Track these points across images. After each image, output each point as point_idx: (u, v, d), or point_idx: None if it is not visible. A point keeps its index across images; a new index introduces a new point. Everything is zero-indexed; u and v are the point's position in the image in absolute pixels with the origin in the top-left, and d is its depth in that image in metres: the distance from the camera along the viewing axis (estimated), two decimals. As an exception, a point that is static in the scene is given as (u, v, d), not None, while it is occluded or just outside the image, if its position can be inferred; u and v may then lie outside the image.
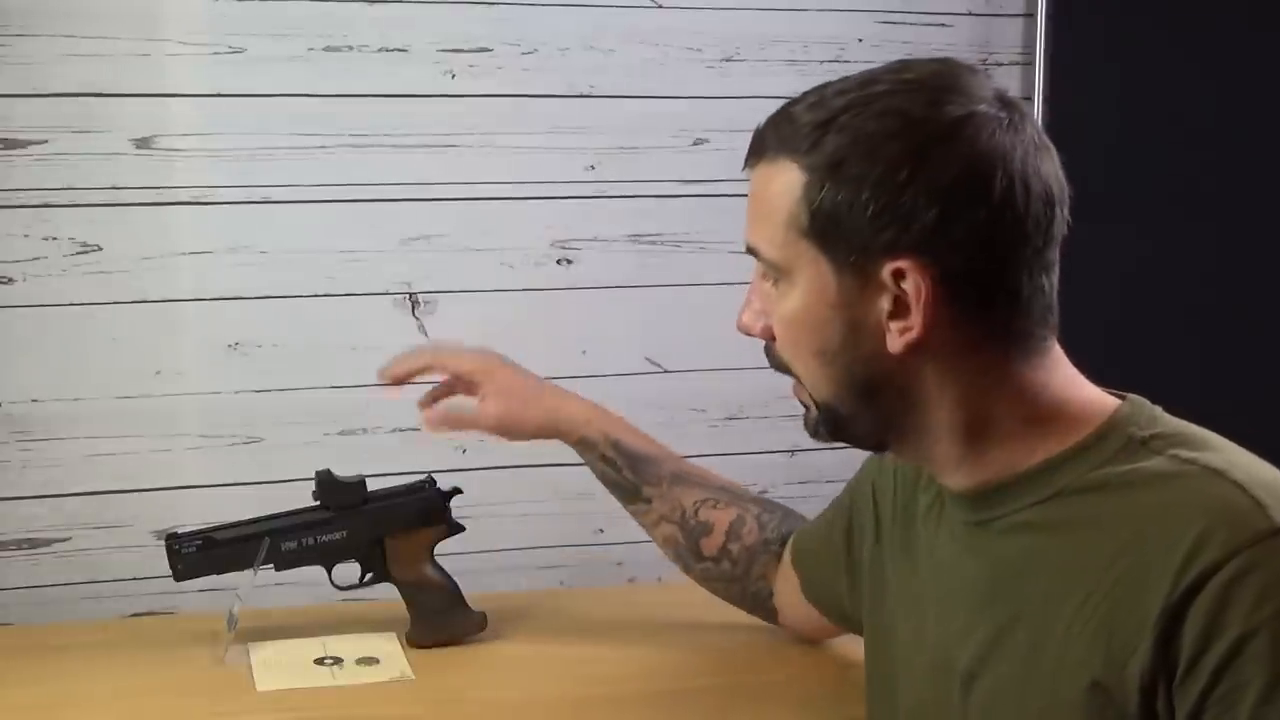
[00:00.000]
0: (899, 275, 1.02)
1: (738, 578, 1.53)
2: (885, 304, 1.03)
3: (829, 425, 1.10)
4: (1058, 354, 1.09)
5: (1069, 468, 1.06)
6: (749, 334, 1.12)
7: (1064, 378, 1.09)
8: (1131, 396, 1.09)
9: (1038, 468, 1.06)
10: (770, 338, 1.10)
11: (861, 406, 1.07)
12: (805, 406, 1.11)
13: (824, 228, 1.03)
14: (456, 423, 1.55)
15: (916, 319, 1.02)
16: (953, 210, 1.01)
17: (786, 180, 1.04)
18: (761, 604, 1.53)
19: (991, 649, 1.09)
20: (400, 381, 1.54)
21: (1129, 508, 1.01)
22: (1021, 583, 1.07)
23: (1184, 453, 1.03)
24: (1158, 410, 1.08)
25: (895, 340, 1.04)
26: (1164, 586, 0.96)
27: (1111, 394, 1.10)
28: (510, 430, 1.55)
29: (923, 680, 1.17)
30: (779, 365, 1.11)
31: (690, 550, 1.54)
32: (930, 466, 1.13)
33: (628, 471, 1.55)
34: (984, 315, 1.05)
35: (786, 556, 1.50)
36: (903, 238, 1.01)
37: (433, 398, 1.55)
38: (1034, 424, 1.07)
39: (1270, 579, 0.94)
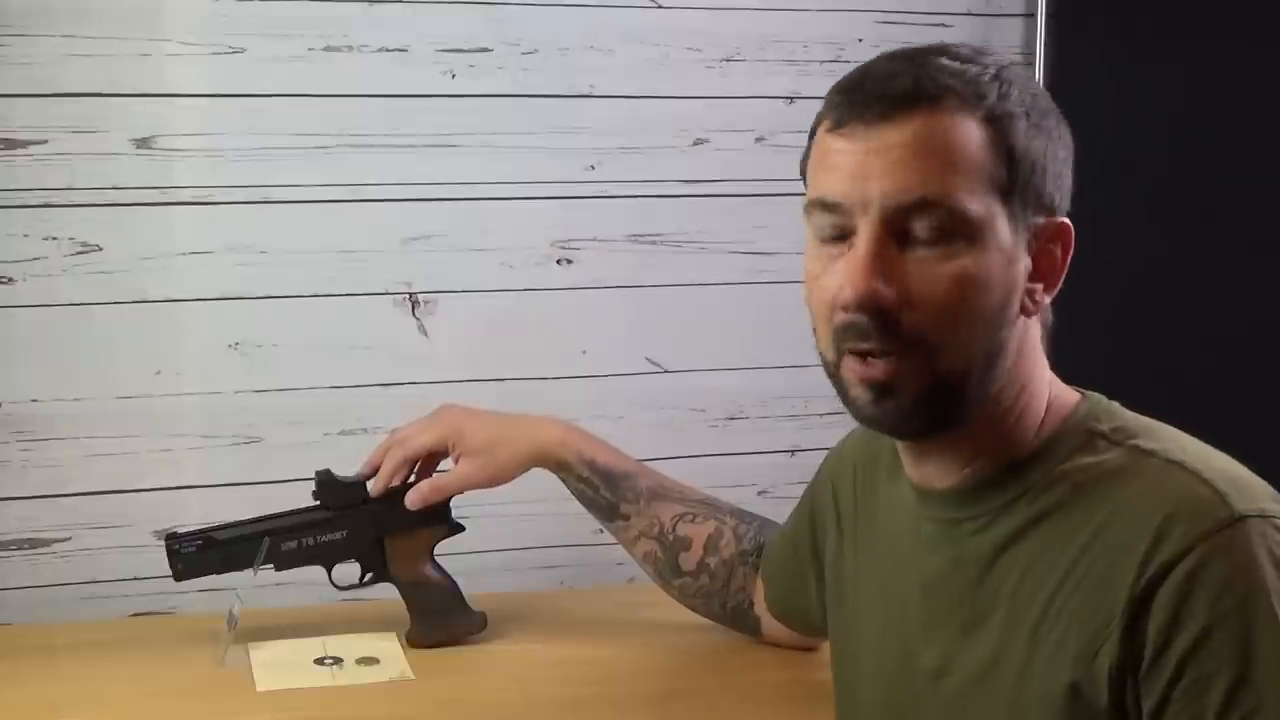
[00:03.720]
0: (1057, 233, 1.05)
1: (716, 592, 1.53)
2: (1029, 263, 1.04)
3: (944, 399, 1.03)
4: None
5: (1037, 465, 1.06)
6: (877, 301, 1.00)
7: (1049, 371, 1.11)
8: (1089, 392, 1.10)
9: (1010, 467, 1.07)
10: (897, 306, 1.01)
11: (982, 376, 1.04)
12: (896, 391, 1.02)
13: (1015, 182, 1.02)
14: (441, 493, 1.55)
15: (1057, 279, 1.06)
16: (1069, 176, 1.06)
17: (967, 131, 1.01)
18: (742, 617, 1.53)
19: (958, 647, 1.09)
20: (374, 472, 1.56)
21: (1092, 502, 1.02)
22: (989, 581, 1.07)
23: (1144, 444, 1.04)
24: (1115, 405, 1.09)
25: (1035, 300, 1.05)
26: (1128, 579, 0.97)
27: (1071, 389, 1.11)
28: (493, 479, 1.56)
29: (889, 676, 1.17)
30: (905, 336, 1.01)
31: (669, 565, 1.54)
32: (931, 460, 1.11)
33: (605, 490, 1.55)
34: None
35: (760, 567, 1.50)
36: (1061, 200, 1.05)
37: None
38: (1029, 413, 1.08)
39: (1232, 569, 0.95)
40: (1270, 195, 2.04)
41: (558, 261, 1.93)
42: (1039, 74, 2.02)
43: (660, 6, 1.93)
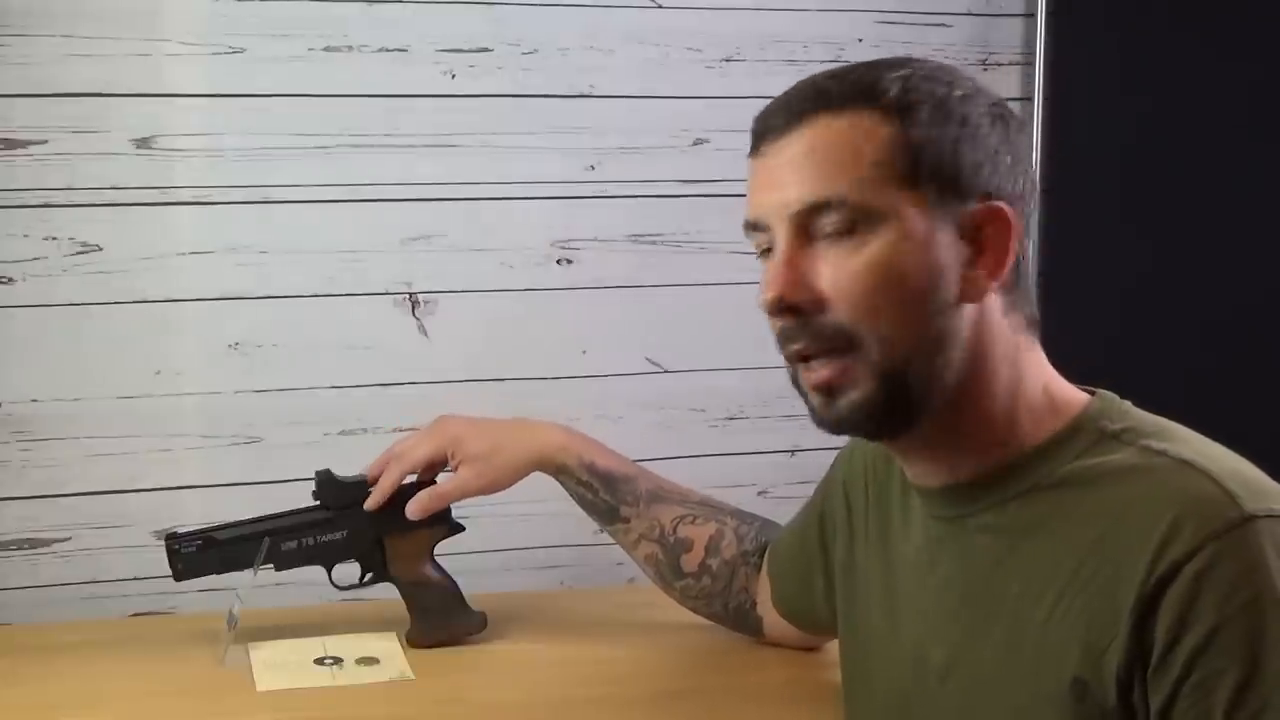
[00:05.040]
0: (988, 218, 1.05)
1: (718, 593, 1.53)
2: (965, 249, 1.04)
3: (891, 392, 1.04)
4: (1038, 346, 1.11)
5: (1042, 463, 1.06)
6: (791, 304, 1.05)
7: (1047, 369, 1.11)
8: (1101, 391, 1.10)
9: (1012, 463, 1.07)
10: (817, 305, 1.04)
11: (926, 365, 1.04)
12: (843, 389, 1.04)
13: (921, 169, 1.04)
14: (441, 500, 1.55)
15: (1000, 263, 1.05)
16: (1015, 165, 1.07)
17: (866, 128, 1.04)
18: (744, 618, 1.53)
19: (966, 645, 1.09)
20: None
21: (1101, 501, 1.02)
22: (996, 579, 1.07)
23: (1154, 444, 1.04)
24: (1127, 404, 1.09)
25: (978, 285, 1.05)
26: (1137, 577, 0.97)
27: (1082, 389, 1.11)
28: (493, 484, 1.55)
29: (899, 673, 1.17)
30: (832, 333, 1.04)
31: (671, 567, 1.54)
32: (920, 457, 1.12)
33: (604, 493, 1.55)
34: (1018, 280, 1.08)
35: (764, 566, 1.50)
36: (992, 180, 1.05)
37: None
38: (1023, 410, 1.08)
39: (1241, 568, 0.95)
40: (1271, 193, 2.04)
41: (558, 261, 1.93)
42: (1039, 74, 2.02)
43: (660, 6, 1.93)
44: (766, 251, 1.09)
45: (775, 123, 1.07)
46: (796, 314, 1.05)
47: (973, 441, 1.08)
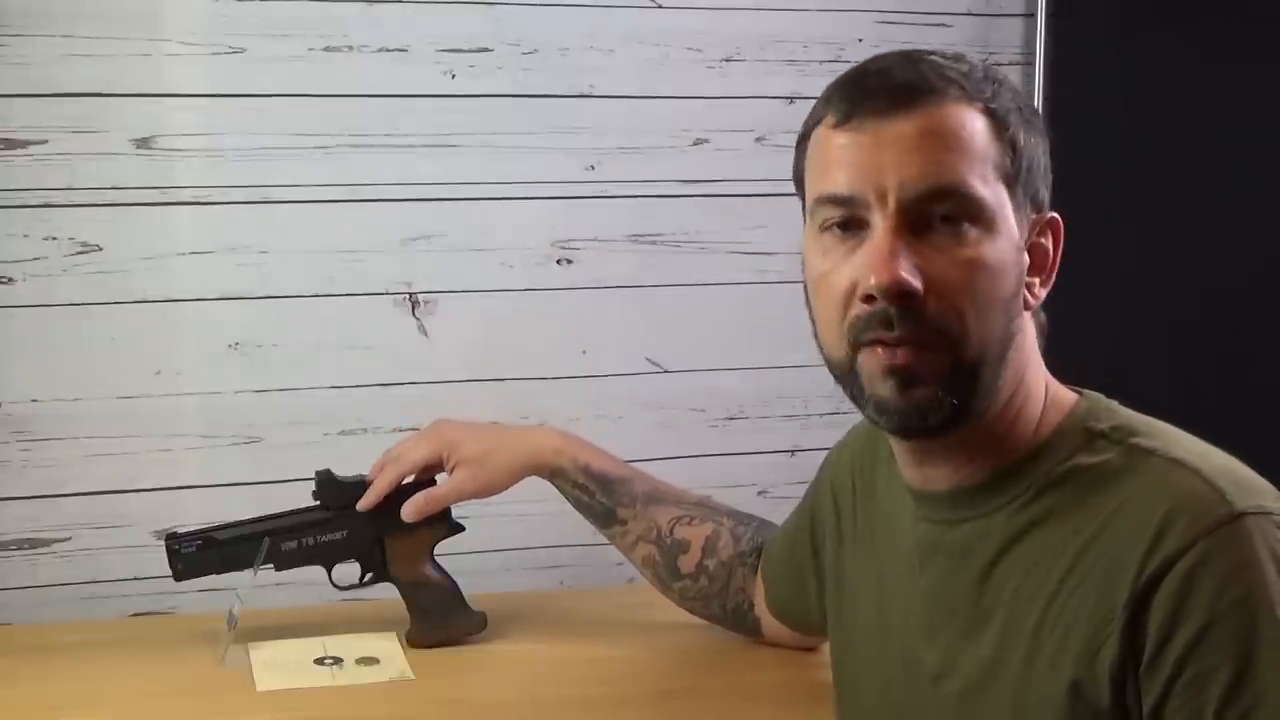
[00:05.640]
0: (1046, 228, 1.07)
1: (716, 594, 1.53)
2: (1025, 257, 1.05)
3: (964, 389, 1.02)
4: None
5: (1037, 464, 1.07)
6: (905, 287, 1.00)
7: (1046, 371, 1.11)
8: (1088, 392, 1.11)
9: (1013, 465, 1.07)
10: (922, 292, 1.00)
11: (995, 368, 1.04)
12: (923, 380, 1.02)
13: (1019, 173, 1.04)
14: (436, 503, 1.56)
15: (1051, 275, 1.08)
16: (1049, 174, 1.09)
17: (974, 122, 1.03)
18: (743, 619, 1.53)
19: (959, 648, 1.09)
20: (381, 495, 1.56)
21: (1092, 501, 1.02)
22: (990, 583, 1.07)
23: (1144, 443, 1.04)
24: (1114, 403, 1.10)
25: (1035, 293, 1.07)
26: (1129, 576, 0.97)
27: (1070, 389, 1.11)
28: (488, 488, 1.56)
29: (891, 678, 1.17)
30: (930, 324, 1.01)
31: (668, 569, 1.54)
32: (938, 460, 1.10)
33: (601, 496, 1.55)
34: None
35: (759, 568, 1.50)
36: (1048, 196, 1.07)
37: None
38: (1032, 414, 1.08)
39: (1232, 565, 0.95)
40: (1270, 194, 2.04)
41: (558, 261, 1.93)
42: (1039, 74, 2.03)
43: (660, 6, 1.93)
44: (835, 227, 1.04)
45: (878, 99, 1.02)
46: (903, 299, 1.00)
47: (990, 444, 1.07)
